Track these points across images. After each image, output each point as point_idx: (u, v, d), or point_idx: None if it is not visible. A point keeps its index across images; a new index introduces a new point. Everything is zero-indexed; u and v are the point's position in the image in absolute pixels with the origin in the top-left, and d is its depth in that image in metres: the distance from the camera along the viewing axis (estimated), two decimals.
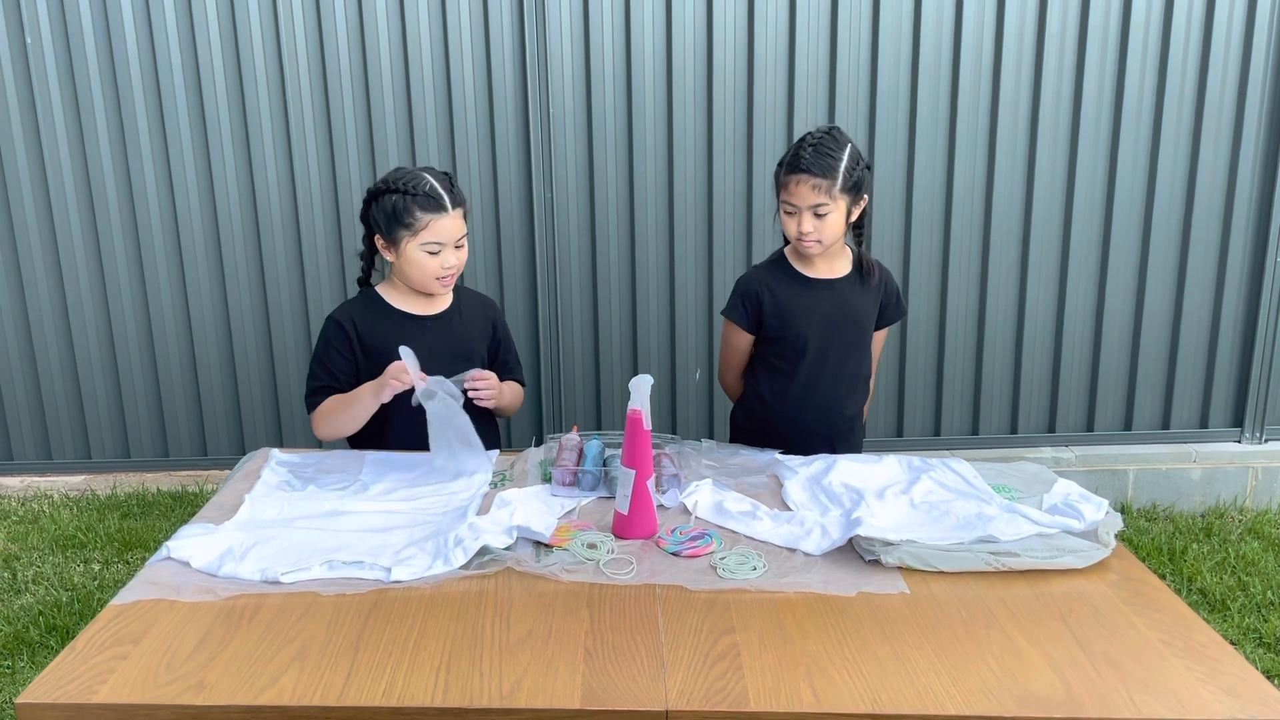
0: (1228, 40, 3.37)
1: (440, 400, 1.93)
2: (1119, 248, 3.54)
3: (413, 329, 2.18)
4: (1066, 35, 3.36)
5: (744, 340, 2.38)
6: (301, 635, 1.37)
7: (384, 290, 2.22)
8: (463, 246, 2.14)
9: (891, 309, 2.38)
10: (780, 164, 2.18)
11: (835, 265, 2.29)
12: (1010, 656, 1.32)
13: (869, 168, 2.19)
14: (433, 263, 2.10)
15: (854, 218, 2.21)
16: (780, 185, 2.17)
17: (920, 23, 3.34)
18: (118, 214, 3.48)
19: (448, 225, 2.08)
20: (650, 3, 3.32)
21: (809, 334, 2.28)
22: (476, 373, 2.08)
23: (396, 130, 3.41)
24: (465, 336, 2.24)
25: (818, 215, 2.13)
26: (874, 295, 2.33)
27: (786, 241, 2.30)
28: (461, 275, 2.29)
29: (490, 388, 2.11)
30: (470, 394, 2.07)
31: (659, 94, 3.39)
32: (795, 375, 2.32)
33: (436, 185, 2.07)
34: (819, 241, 2.17)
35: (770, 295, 2.30)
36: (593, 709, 1.21)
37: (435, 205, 2.06)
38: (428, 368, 2.12)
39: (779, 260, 2.34)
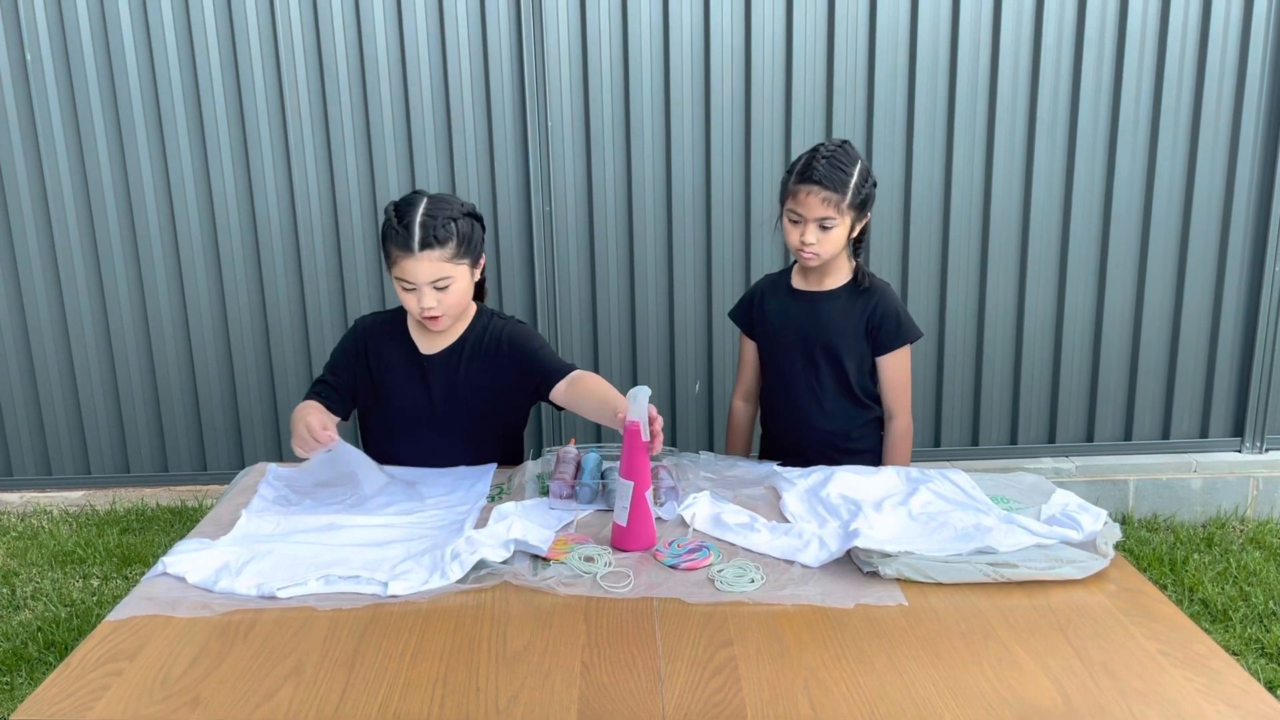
0: (1223, 50, 3.38)
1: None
2: (1117, 258, 3.55)
3: (412, 368, 2.11)
4: (1063, 42, 3.37)
5: (749, 346, 2.40)
6: (297, 650, 1.36)
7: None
8: (446, 289, 1.96)
9: (888, 332, 2.21)
10: (790, 172, 2.14)
11: (827, 280, 2.26)
12: (1008, 668, 1.32)
13: (875, 185, 2.18)
14: (409, 299, 1.99)
15: (855, 233, 2.19)
16: (788, 194, 2.13)
17: (916, 28, 3.35)
18: (117, 229, 3.49)
19: (414, 267, 1.92)
20: (648, 18, 3.34)
21: (778, 342, 2.30)
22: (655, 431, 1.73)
23: (396, 149, 3.42)
24: (462, 378, 2.10)
25: (823, 228, 2.10)
26: (859, 314, 2.21)
27: None
28: (484, 300, 2.21)
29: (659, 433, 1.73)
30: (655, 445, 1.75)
31: (657, 108, 3.41)
32: (770, 383, 2.36)
33: (415, 221, 1.92)
34: (818, 254, 2.14)
35: (761, 300, 2.35)
36: None
37: (402, 242, 1.92)
38: (417, 407, 2.10)
39: (785, 269, 2.38)
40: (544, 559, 1.63)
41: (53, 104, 3.38)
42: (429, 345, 2.12)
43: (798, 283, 2.30)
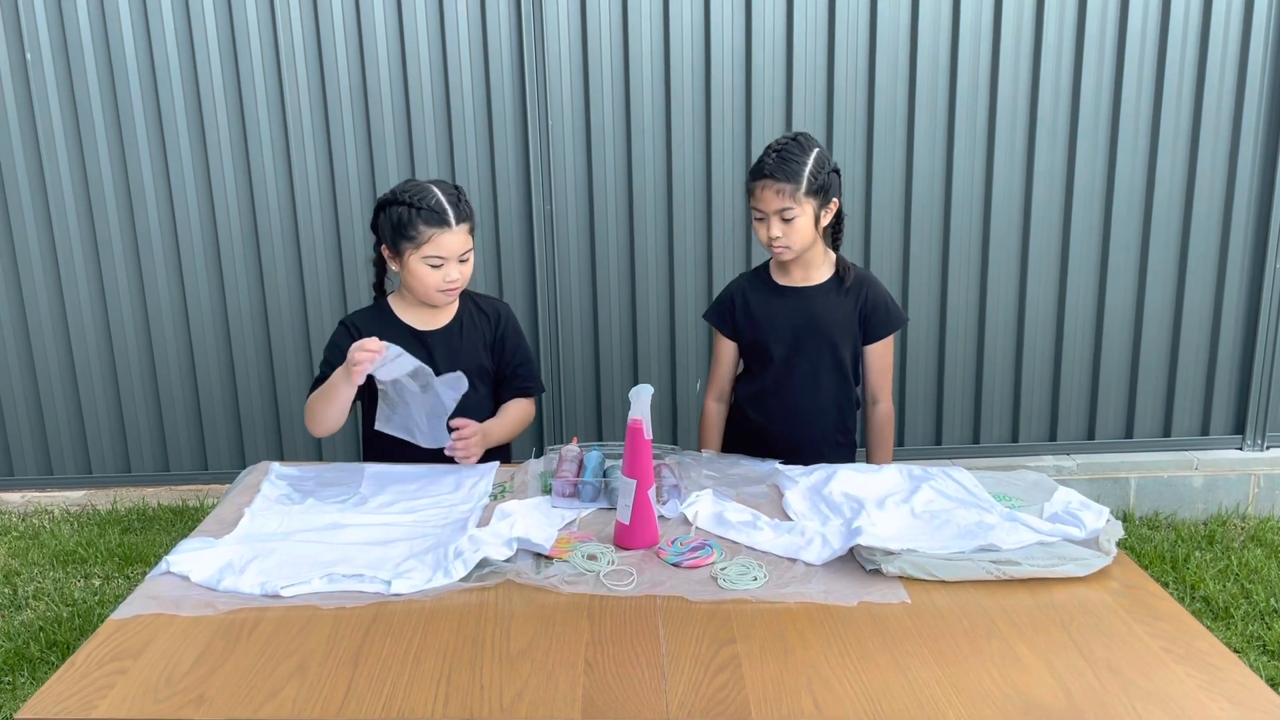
0: (1224, 48, 3.38)
1: (397, 386, 1.96)
2: (1118, 255, 3.55)
3: (416, 347, 2.18)
4: (1063, 40, 3.37)
5: (726, 347, 2.41)
6: (301, 648, 1.36)
7: (394, 301, 2.25)
8: (467, 261, 2.14)
9: (878, 321, 2.26)
10: (750, 172, 2.21)
11: (811, 273, 2.28)
12: (1012, 665, 1.32)
13: (836, 171, 2.20)
14: (434, 276, 2.11)
15: (824, 222, 2.21)
16: (748, 193, 2.20)
17: (917, 26, 3.35)
18: (118, 228, 3.49)
19: (449, 240, 2.09)
20: (648, 17, 3.34)
21: (774, 341, 2.29)
22: (457, 430, 2.06)
23: (396, 147, 3.43)
24: (466, 354, 2.23)
25: (785, 220, 2.14)
26: (850, 305, 2.25)
27: None
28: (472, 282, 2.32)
29: (468, 447, 2.07)
30: (452, 452, 2.06)
31: (657, 106, 3.41)
32: (764, 382, 2.34)
33: (442, 199, 2.08)
34: (789, 247, 2.18)
35: (743, 300, 2.34)
36: None
37: (438, 220, 2.07)
38: None
39: (761, 267, 2.38)
40: (547, 557, 1.63)
41: (53, 104, 3.38)
42: (425, 324, 2.23)
43: (781, 279, 2.31)
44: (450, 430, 2.06)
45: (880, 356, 2.31)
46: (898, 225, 3.51)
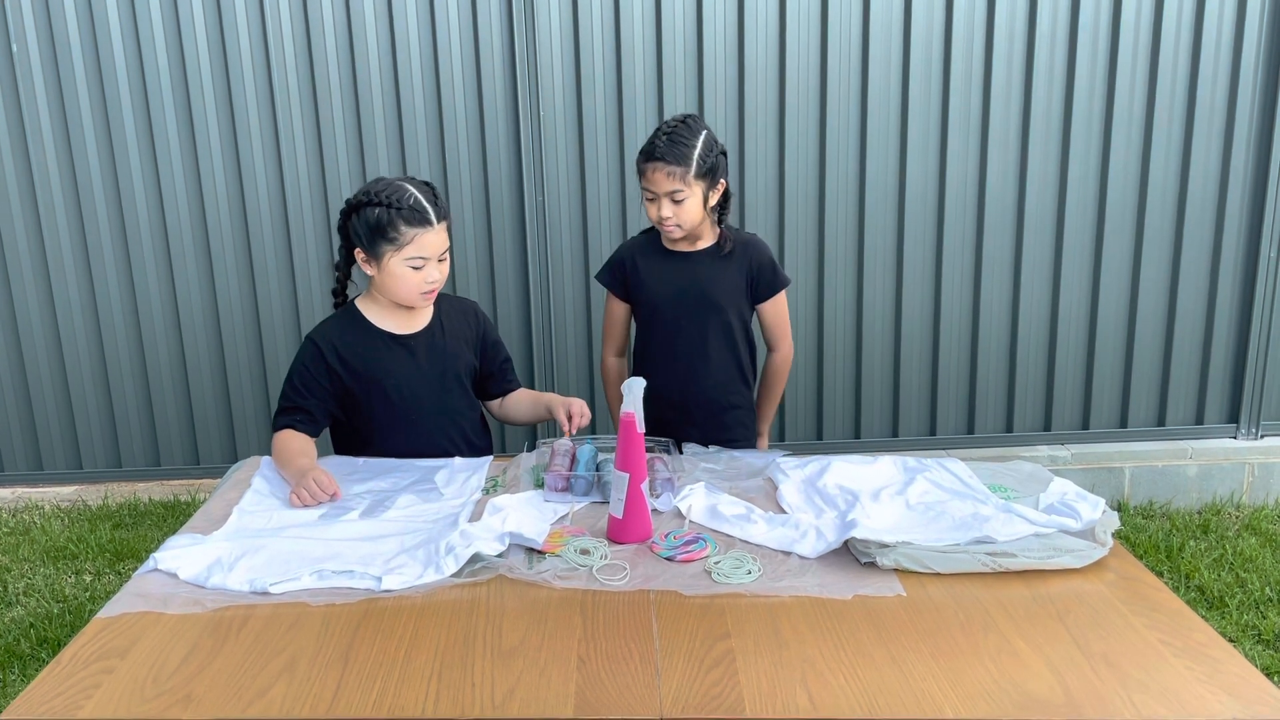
0: (1218, 38, 3.37)
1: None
2: (1112, 245, 3.54)
3: (398, 350, 2.12)
4: (1057, 36, 3.36)
5: (618, 308, 2.48)
6: (291, 646, 1.35)
7: (364, 306, 2.15)
8: (445, 260, 2.07)
9: (766, 281, 2.37)
10: (641, 152, 2.24)
11: (699, 241, 2.35)
12: (1008, 658, 1.31)
13: (724, 153, 2.26)
14: (416, 277, 2.03)
15: (712, 202, 2.28)
16: (639, 173, 2.24)
17: (910, 25, 3.33)
18: (106, 222, 3.46)
19: (432, 240, 2.01)
20: (640, 7, 3.31)
21: (660, 304, 2.37)
22: (575, 413, 2.11)
23: (386, 140, 3.40)
24: (451, 354, 2.18)
25: (675, 201, 2.21)
26: (737, 270, 2.34)
27: None
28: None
29: (583, 421, 2.13)
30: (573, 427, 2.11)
31: (650, 97, 3.38)
32: (654, 344, 2.41)
33: (421, 198, 2.00)
34: (679, 225, 2.25)
35: (633, 263, 2.41)
36: (587, 717, 1.20)
37: (420, 219, 1.99)
38: (416, 390, 2.12)
39: (652, 232, 2.42)
40: (539, 552, 1.62)
41: (39, 97, 3.35)
42: (403, 327, 2.15)
43: (669, 244, 2.37)
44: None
45: (773, 313, 2.43)
46: (892, 216, 3.50)
